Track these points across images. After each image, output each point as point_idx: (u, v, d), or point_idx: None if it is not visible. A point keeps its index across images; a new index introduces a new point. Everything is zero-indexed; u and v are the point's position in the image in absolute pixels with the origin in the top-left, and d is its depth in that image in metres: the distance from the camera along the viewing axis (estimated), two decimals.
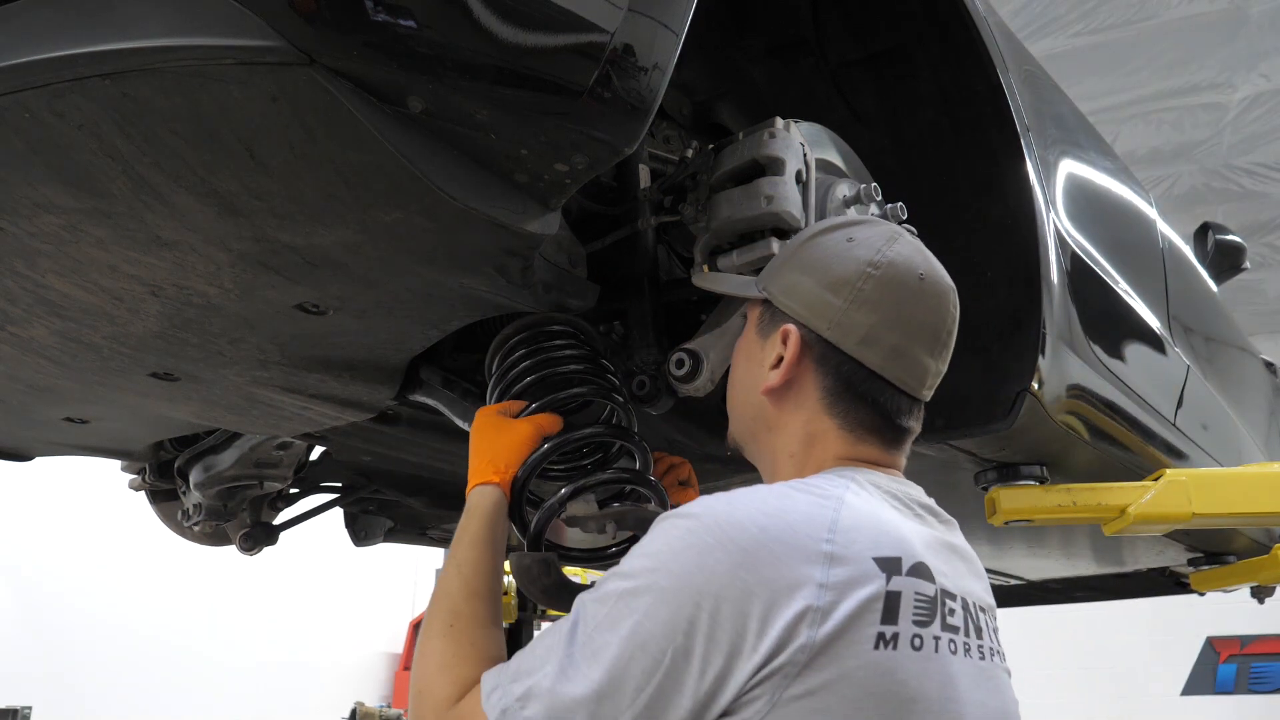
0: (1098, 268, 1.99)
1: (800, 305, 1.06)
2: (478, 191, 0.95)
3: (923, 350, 1.04)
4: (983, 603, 1.02)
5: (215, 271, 1.10)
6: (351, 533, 2.60)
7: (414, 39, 0.83)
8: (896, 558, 0.90)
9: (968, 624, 0.96)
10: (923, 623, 0.90)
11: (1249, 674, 8.96)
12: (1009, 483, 1.92)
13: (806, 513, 0.91)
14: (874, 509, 0.94)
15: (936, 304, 1.05)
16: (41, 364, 1.41)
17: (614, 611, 0.88)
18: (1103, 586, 3.98)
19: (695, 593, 0.86)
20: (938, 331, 1.05)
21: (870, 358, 1.02)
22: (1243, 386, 3.33)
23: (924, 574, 0.92)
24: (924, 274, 1.05)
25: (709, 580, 0.86)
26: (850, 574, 0.87)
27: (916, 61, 1.66)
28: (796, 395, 1.06)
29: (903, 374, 1.03)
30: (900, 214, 1.35)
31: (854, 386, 1.03)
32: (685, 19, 0.99)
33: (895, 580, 0.89)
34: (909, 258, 1.05)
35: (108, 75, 0.80)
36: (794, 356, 1.05)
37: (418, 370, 1.49)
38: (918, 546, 0.94)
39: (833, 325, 1.03)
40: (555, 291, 1.22)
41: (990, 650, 0.99)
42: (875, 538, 0.90)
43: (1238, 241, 3.76)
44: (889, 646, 0.87)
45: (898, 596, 0.88)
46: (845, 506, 0.92)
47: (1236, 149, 7.02)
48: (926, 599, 0.91)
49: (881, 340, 1.02)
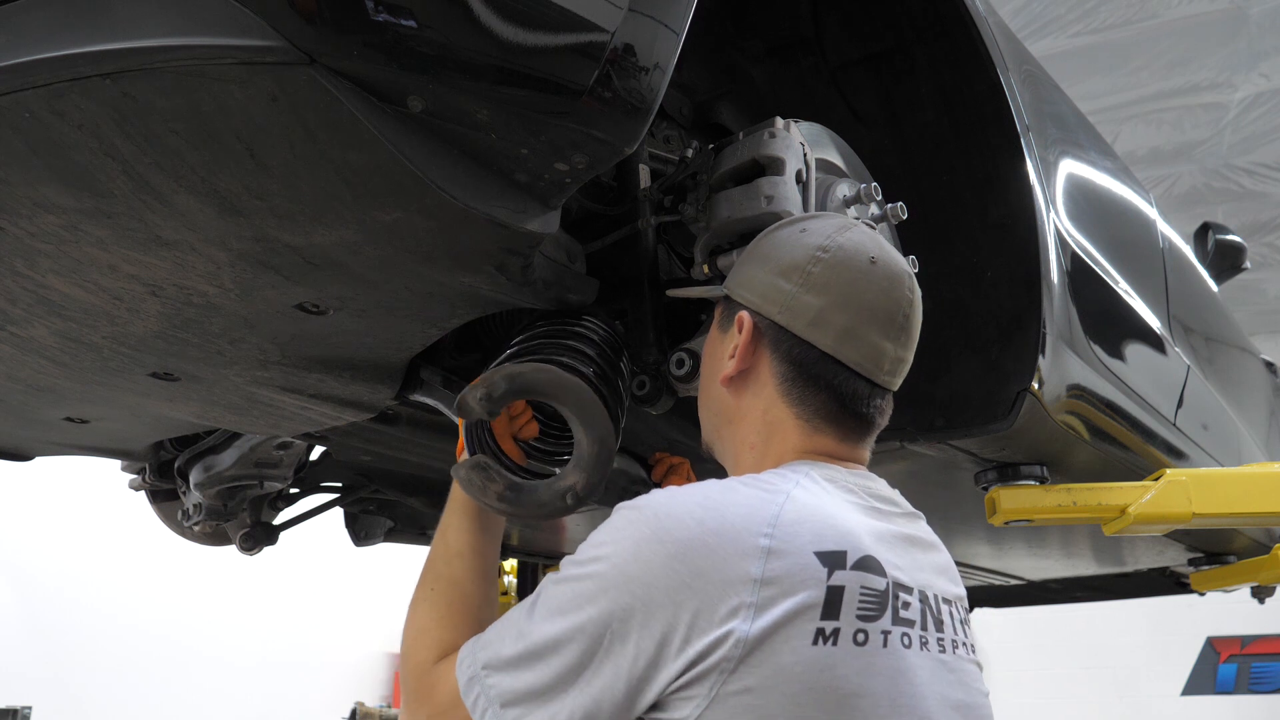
0: (1098, 268, 1.99)
1: (753, 294, 1.07)
2: (478, 191, 0.95)
3: (876, 333, 1.04)
4: (946, 594, 1.01)
5: (215, 271, 1.10)
6: (351, 533, 2.60)
7: (414, 39, 0.83)
8: (841, 552, 0.90)
9: (925, 617, 0.95)
10: (869, 617, 0.89)
11: (1249, 674, 8.96)
12: (1009, 483, 1.92)
13: (748, 506, 0.91)
14: (821, 503, 0.94)
15: (888, 286, 1.05)
16: (41, 364, 1.41)
17: (561, 596, 0.93)
18: (1103, 586, 3.98)
19: (631, 582, 0.88)
20: (892, 314, 1.05)
21: (821, 339, 1.03)
22: (1243, 386, 3.33)
23: (872, 568, 0.92)
24: (875, 257, 1.05)
25: (644, 571, 0.88)
26: (788, 568, 0.87)
27: (916, 61, 1.66)
28: (754, 384, 1.07)
29: (856, 356, 1.03)
30: (900, 214, 1.36)
31: (806, 369, 1.04)
32: (685, 19, 0.99)
33: (838, 575, 0.89)
34: (860, 242, 1.06)
35: (108, 75, 0.80)
36: (747, 341, 1.06)
37: (418, 370, 1.49)
38: (866, 540, 0.93)
39: (783, 309, 1.04)
40: (555, 288, 1.22)
41: (954, 643, 0.99)
42: (819, 531, 0.90)
43: (1238, 241, 3.76)
44: (828, 642, 0.87)
45: (840, 591, 0.88)
46: (790, 501, 0.92)
47: (1236, 149, 7.02)
48: (875, 593, 0.91)
49: (832, 322, 1.02)
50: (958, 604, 1.03)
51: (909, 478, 2.10)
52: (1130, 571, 3.67)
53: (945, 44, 1.63)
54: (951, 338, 1.72)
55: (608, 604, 0.89)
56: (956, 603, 1.03)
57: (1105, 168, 2.40)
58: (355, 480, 2.30)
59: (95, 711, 6.51)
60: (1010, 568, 3.56)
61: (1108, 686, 8.92)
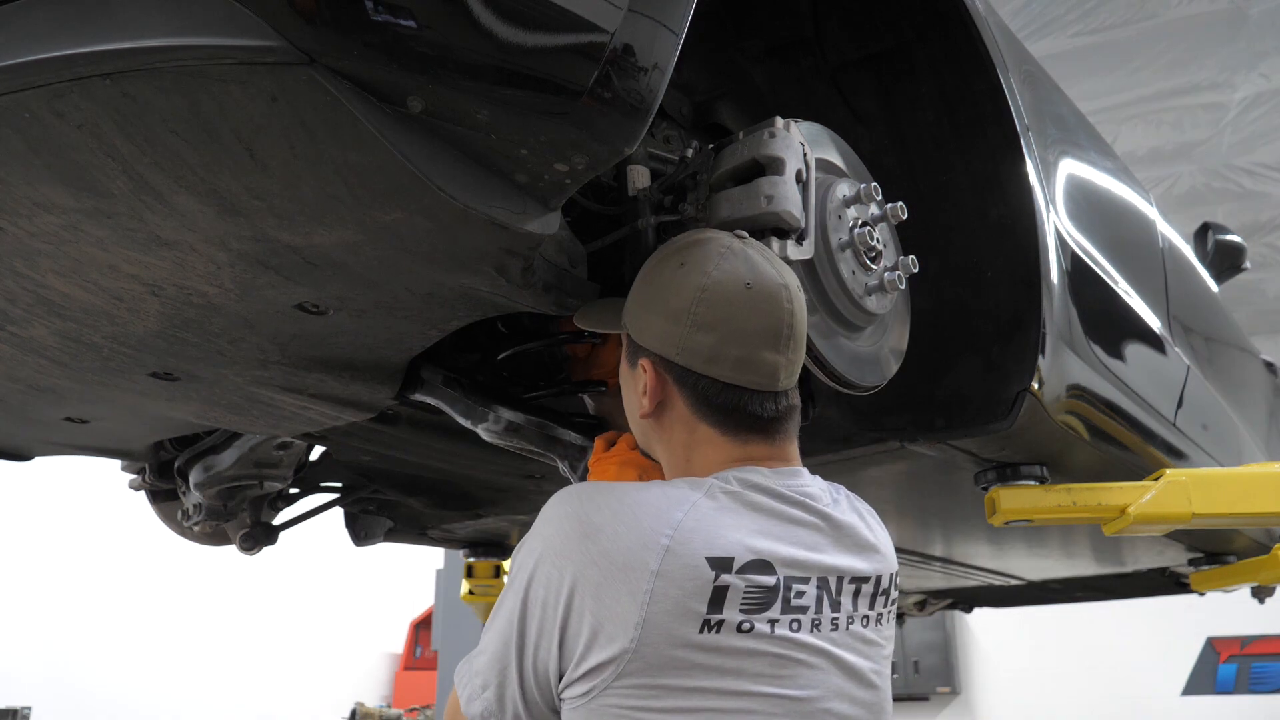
0: (1098, 268, 1.99)
1: (651, 338, 1.16)
2: (478, 191, 0.95)
3: (767, 350, 1.12)
4: (854, 573, 1.12)
5: (215, 271, 1.10)
6: (351, 533, 2.61)
7: (414, 39, 0.83)
8: (729, 558, 1.02)
9: (822, 600, 1.08)
10: (754, 610, 1.02)
11: (1249, 674, 8.96)
12: (1009, 483, 1.92)
13: (656, 509, 1.04)
14: (718, 516, 1.05)
15: (768, 306, 1.12)
16: (41, 364, 1.41)
17: (510, 578, 1.09)
18: (1103, 586, 3.98)
19: (551, 553, 1.04)
20: (777, 330, 1.12)
21: (720, 371, 1.12)
22: (1243, 386, 3.33)
23: (761, 569, 1.03)
24: (750, 282, 1.13)
25: (563, 544, 1.04)
26: (680, 567, 1.00)
27: (916, 61, 1.66)
28: (671, 413, 1.17)
29: (754, 376, 1.12)
30: (900, 214, 1.35)
31: (714, 398, 1.13)
32: (685, 19, 0.99)
33: (724, 577, 1.01)
34: (733, 271, 1.13)
35: (108, 75, 0.80)
36: (654, 384, 1.16)
37: (418, 369, 1.49)
38: (759, 544, 1.05)
39: (680, 351, 1.13)
40: (556, 291, 1.22)
41: (850, 618, 1.11)
42: (710, 539, 1.02)
43: (1238, 241, 3.76)
44: (713, 630, 1.00)
45: (725, 589, 1.01)
46: (694, 509, 1.04)
47: (1236, 149, 7.02)
48: (763, 589, 1.03)
49: (725, 355, 1.11)
50: (871, 580, 1.14)
51: (909, 478, 2.10)
52: (1130, 571, 3.67)
53: (945, 44, 1.63)
54: (951, 338, 1.72)
55: (532, 568, 1.05)
56: (870, 579, 1.14)
57: (1105, 168, 2.40)
58: (355, 480, 2.30)
59: (95, 711, 6.51)
60: (1010, 568, 3.56)
61: (1108, 686, 8.92)
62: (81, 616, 6.63)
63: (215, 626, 7.43)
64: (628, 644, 0.99)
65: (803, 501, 1.12)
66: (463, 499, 2.39)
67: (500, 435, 1.52)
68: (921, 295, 1.63)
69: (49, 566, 6.54)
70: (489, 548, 3.34)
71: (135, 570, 6.85)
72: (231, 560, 3.06)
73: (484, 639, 1.10)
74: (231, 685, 7.40)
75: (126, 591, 6.90)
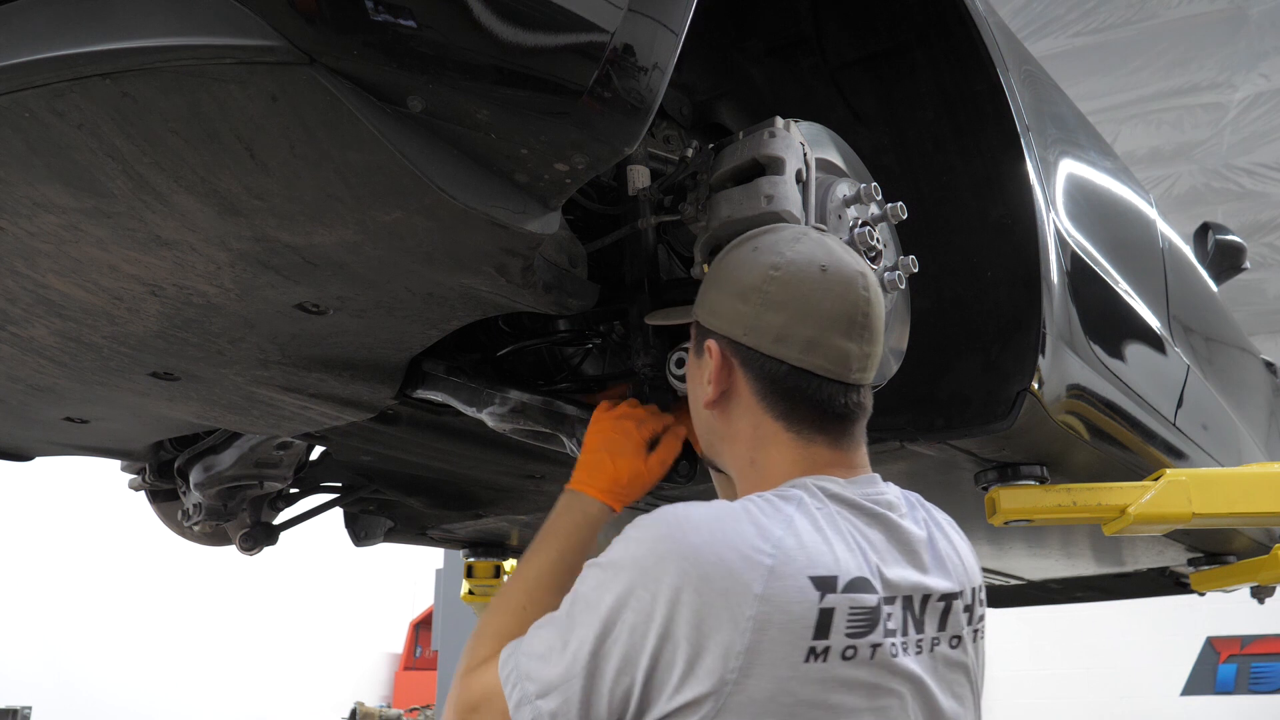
0: (1098, 268, 1.99)
1: (718, 318, 1.13)
2: (478, 191, 0.95)
3: (839, 336, 1.08)
4: (940, 590, 1.06)
5: (215, 271, 1.10)
6: (351, 533, 2.61)
7: (414, 39, 0.83)
8: (833, 576, 0.96)
9: (907, 621, 1.01)
10: (859, 634, 0.95)
11: (1249, 674, 8.96)
12: (1009, 483, 1.92)
13: (755, 527, 0.97)
14: (817, 530, 0.99)
15: (843, 290, 1.09)
16: (41, 364, 1.41)
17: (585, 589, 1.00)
18: (1103, 586, 3.98)
19: (644, 575, 0.95)
20: (851, 316, 1.09)
21: (788, 353, 1.08)
22: (1243, 386, 3.33)
23: (862, 587, 0.97)
24: (825, 265, 1.10)
25: (657, 565, 0.95)
26: (785, 589, 0.93)
27: (916, 61, 1.66)
28: (736, 404, 1.12)
29: (824, 362, 1.08)
30: (900, 214, 1.35)
31: (781, 383, 1.09)
32: (685, 19, 0.99)
33: (829, 598, 0.94)
34: (809, 253, 1.10)
35: (108, 75, 0.80)
36: (717, 366, 1.12)
37: (419, 365, 1.48)
38: (855, 563, 0.99)
39: (748, 330, 1.09)
40: (556, 291, 1.22)
41: (935, 640, 1.04)
42: (812, 558, 0.96)
43: (1238, 241, 3.76)
44: (819, 659, 0.93)
45: (830, 613, 0.94)
46: (791, 526, 0.98)
47: (1236, 149, 7.02)
48: (865, 610, 0.96)
49: (795, 335, 1.07)
50: (944, 596, 1.07)
51: (909, 478, 2.10)
52: (1130, 571, 3.67)
53: (945, 44, 1.63)
54: (951, 338, 1.72)
55: (622, 591, 0.95)
56: (945, 595, 1.07)
57: (1105, 168, 2.40)
58: (355, 480, 2.30)
59: (95, 711, 6.52)
60: (1010, 568, 3.56)
61: (1108, 686, 8.92)
62: (81, 616, 6.64)
63: (215, 626, 7.43)
64: (728, 675, 0.91)
65: (883, 515, 1.06)
66: (463, 499, 2.39)
67: (506, 418, 1.50)
68: (921, 295, 1.63)
69: (49, 566, 6.54)
70: (489, 548, 3.34)
71: (135, 570, 6.85)
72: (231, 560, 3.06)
73: (543, 641, 1.00)
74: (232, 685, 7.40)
75: (126, 591, 6.90)
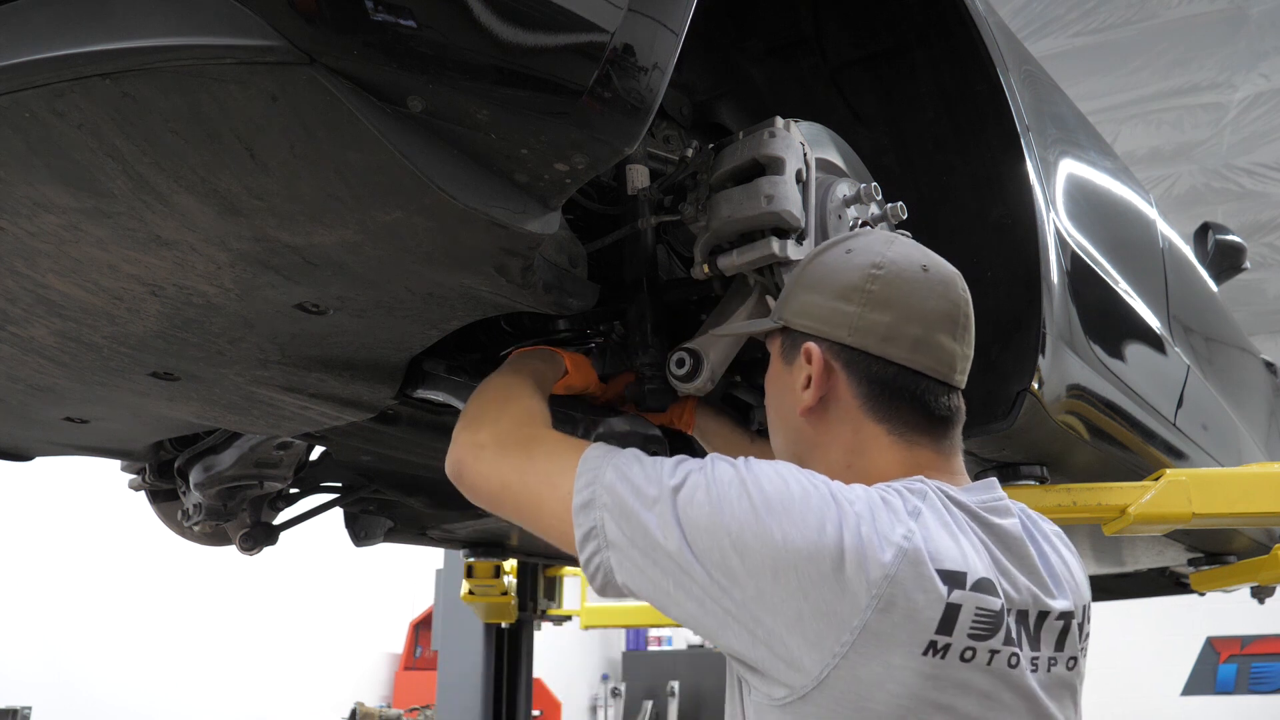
0: (1098, 268, 1.99)
1: (817, 321, 1.08)
2: (478, 191, 0.95)
3: (945, 335, 1.06)
4: (1057, 609, 1.01)
5: (215, 271, 1.10)
6: (351, 533, 2.60)
7: (414, 39, 0.83)
8: (961, 572, 0.92)
9: (1022, 637, 0.97)
10: (980, 636, 0.92)
11: (1249, 674, 8.97)
12: (1009, 483, 1.91)
13: (893, 508, 0.94)
14: (944, 525, 0.96)
15: (945, 290, 1.08)
16: (41, 364, 1.41)
17: (749, 483, 0.95)
18: (1103, 586, 3.98)
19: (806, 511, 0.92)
20: (954, 315, 1.07)
21: (896, 353, 1.05)
22: (1243, 386, 3.33)
23: (989, 589, 0.94)
24: (927, 265, 1.08)
25: (808, 491, 0.93)
26: (914, 576, 0.90)
27: (916, 61, 1.66)
28: (835, 410, 1.08)
29: (932, 362, 1.06)
30: (900, 214, 1.35)
31: (888, 385, 1.05)
32: (685, 19, 0.99)
33: (956, 594, 0.91)
34: (908, 253, 1.09)
35: (108, 75, 0.80)
36: (820, 370, 1.07)
37: (420, 365, 1.48)
38: (982, 563, 0.96)
39: (853, 331, 1.06)
40: (556, 291, 1.22)
41: (1052, 660, 1.00)
42: (940, 550, 0.93)
43: (1238, 241, 3.76)
44: (938, 655, 0.89)
45: (957, 609, 0.91)
46: (922, 516, 0.95)
47: (1236, 149, 7.02)
48: (990, 613, 0.93)
49: (903, 334, 1.05)
50: (1064, 615, 1.03)
51: None
52: (1130, 571, 3.67)
53: (945, 44, 1.63)
54: None
55: (787, 489, 0.94)
56: (1065, 614, 1.03)
57: (1105, 168, 2.40)
58: (355, 480, 2.30)
59: (95, 711, 6.51)
60: None
61: (1108, 686, 8.91)
62: (81, 616, 6.63)
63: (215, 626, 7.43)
64: (837, 648, 0.88)
65: (998, 525, 1.01)
66: (462, 499, 2.39)
67: None
68: None
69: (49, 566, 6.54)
70: (489, 548, 3.35)
71: (135, 570, 6.85)
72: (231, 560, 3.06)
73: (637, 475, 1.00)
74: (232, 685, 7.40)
75: (126, 591, 6.90)
